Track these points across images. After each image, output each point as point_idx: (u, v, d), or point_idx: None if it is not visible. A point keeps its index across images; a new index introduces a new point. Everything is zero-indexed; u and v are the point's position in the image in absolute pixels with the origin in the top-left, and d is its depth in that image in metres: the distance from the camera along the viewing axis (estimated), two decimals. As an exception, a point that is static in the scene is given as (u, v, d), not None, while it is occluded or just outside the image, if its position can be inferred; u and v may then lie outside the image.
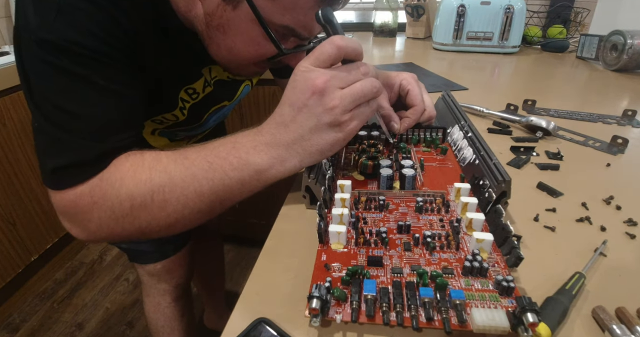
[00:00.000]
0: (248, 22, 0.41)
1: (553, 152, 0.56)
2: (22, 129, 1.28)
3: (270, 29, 0.41)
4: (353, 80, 0.37)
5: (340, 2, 0.42)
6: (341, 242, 0.35)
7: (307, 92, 0.36)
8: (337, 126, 0.37)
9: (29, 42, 0.36)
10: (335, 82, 0.36)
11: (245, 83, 0.65)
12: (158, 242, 0.78)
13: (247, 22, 0.41)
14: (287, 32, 0.43)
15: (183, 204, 0.37)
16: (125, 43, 0.39)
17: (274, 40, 0.42)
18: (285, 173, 0.38)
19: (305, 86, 0.36)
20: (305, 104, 0.36)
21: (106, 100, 0.39)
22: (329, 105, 0.36)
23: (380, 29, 1.48)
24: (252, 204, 1.45)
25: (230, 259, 1.64)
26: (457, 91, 0.85)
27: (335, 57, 0.37)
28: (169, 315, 0.87)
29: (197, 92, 0.55)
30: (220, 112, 0.64)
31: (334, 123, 0.37)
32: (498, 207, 0.35)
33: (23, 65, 0.38)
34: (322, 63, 0.36)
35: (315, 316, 0.27)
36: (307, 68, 0.37)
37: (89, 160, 0.37)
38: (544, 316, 0.29)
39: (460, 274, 0.31)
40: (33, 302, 1.44)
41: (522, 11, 1.14)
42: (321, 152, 0.38)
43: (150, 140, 0.61)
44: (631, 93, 0.84)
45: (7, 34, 1.56)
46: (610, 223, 0.41)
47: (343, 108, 0.36)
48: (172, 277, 0.84)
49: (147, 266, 0.81)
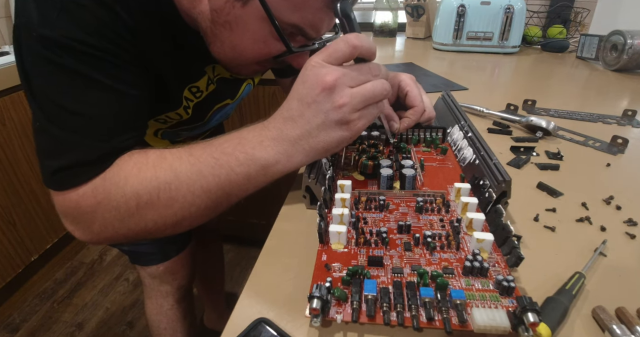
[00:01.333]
0: (257, 19, 0.41)
1: (553, 152, 0.56)
2: (22, 129, 1.27)
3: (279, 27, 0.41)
4: (364, 80, 0.37)
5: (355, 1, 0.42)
6: (341, 242, 0.35)
7: (317, 88, 0.35)
8: (344, 124, 0.37)
9: (30, 39, 0.36)
10: (346, 80, 0.36)
11: (247, 82, 0.65)
12: (160, 244, 0.78)
13: (256, 19, 0.41)
14: (295, 30, 0.42)
15: (190, 201, 0.37)
16: (129, 41, 0.39)
17: (284, 39, 0.42)
18: (291, 168, 0.38)
19: (316, 82, 0.35)
20: (314, 99, 0.36)
21: (110, 99, 0.38)
22: (338, 103, 0.35)
23: (380, 29, 1.48)
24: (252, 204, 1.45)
25: (230, 259, 1.64)
26: (457, 91, 0.85)
27: (348, 56, 0.36)
28: (172, 317, 0.87)
29: (200, 91, 0.55)
30: (223, 111, 0.64)
31: (342, 121, 0.36)
32: (498, 207, 0.35)
33: (23, 64, 0.37)
34: (335, 60, 0.36)
35: (316, 316, 0.27)
36: (318, 63, 0.36)
37: (92, 160, 0.37)
38: (544, 316, 0.29)
39: (460, 274, 0.31)
40: (33, 302, 1.44)
41: (522, 11, 1.14)
42: (327, 150, 0.38)
43: (151, 143, 0.61)
44: (631, 93, 0.85)
45: (7, 34, 1.56)
46: (610, 223, 0.41)
47: (352, 107, 0.36)
48: (174, 279, 0.83)
49: (149, 267, 0.80)
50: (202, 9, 0.43)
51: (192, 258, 0.85)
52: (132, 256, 0.80)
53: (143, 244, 0.76)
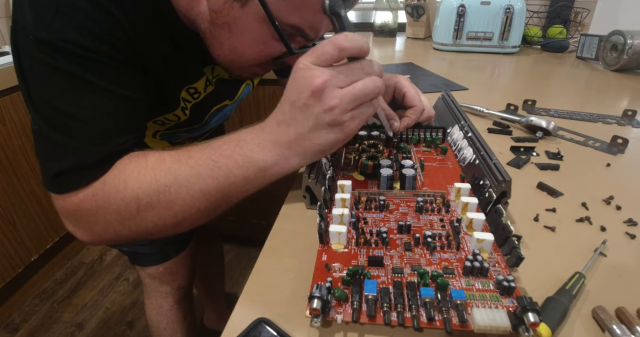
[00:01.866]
0: (256, 20, 0.40)
1: (553, 152, 0.56)
2: (22, 129, 1.27)
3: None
4: (354, 80, 0.36)
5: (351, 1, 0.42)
6: (342, 242, 0.35)
7: (307, 92, 0.35)
8: (337, 126, 0.36)
9: (26, 42, 0.35)
10: (335, 81, 0.35)
11: (246, 83, 0.64)
12: (160, 244, 0.78)
13: (256, 20, 0.40)
14: (294, 32, 0.42)
15: (189, 204, 0.37)
16: (126, 43, 0.39)
17: (284, 40, 0.42)
18: (289, 170, 0.38)
19: (305, 85, 0.35)
20: (304, 103, 0.35)
21: (107, 102, 0.38)
22: (328, 105, 0.35)
23: (380, 29, 1.48)
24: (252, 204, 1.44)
25: (230, 259, 1.64)
26: (457, 91, 0.85)
27: (337, 57, 0.35)
28: (172, 317, 0.87)
29: (198, 92, 0.55)
30: (222, 112, 0.64)
31: (334, 123, 0.36)
32: (498, 207, 0.35)
33: (21, 65, 0.37)
34: (323, 63, 0.35)
35: (316, 316, 0.27)
36: (306, 66, 0.35)
37: (91, 164, 0.37)
38: (544, 316, 0.29)
39: (461, 274, 0.31)
40: (33, 302, 1.44)
41: (522, 11, 1.14)
42: (322, 152, 0.38)
43: (150, 145, 0.61)
44: (631, 93, 0.85)
45: (7, 34, 1.56)
46: (610, 223, 0.41)
47: (342, 108, 0.35)
48: (174, 280, 0.83)
49: (148, 268, 0.80)
50: (201, 10, 0.42)
51: (192, 259, 0.85)
52: (131, 256, 0.80)
53: (143, 244, 0.76)
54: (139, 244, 0.75)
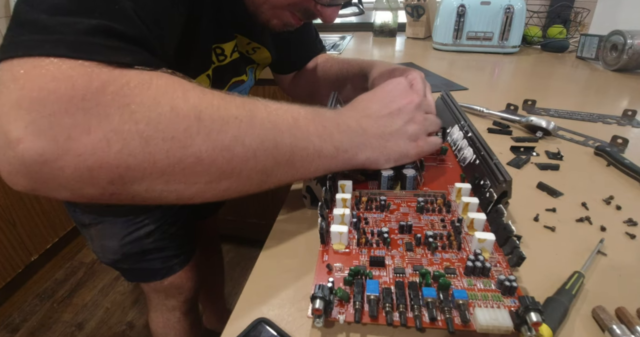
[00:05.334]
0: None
1: (553, 152, 0.56)
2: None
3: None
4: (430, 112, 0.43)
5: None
6: (343, 242, 0.35)
7: (405, 99, 0.40)
8: (414, 141, 0.40)
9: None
10: (424, 106, 0.42)
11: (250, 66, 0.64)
12: (164, 259, 0.71)
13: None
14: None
15: (254, 148, 0.30)
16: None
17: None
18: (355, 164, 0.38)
19: (405, 94, 0.40)
20: (399, 108, 0.39)
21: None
22: (418, 119, 0.40)
23: (380, 29, 1.48)
24: (252, 204, 1.44)
25: (230, 259, 1.64)
26: (457, 91, 0.85)
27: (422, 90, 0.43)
28: (179, 329, 0.83)
29: (224, 54, 0.54)
30: (238, 88, 0.63)
31: (414, 136, 0.40)
32: (499, 207, 0.35)
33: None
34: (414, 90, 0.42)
35: (319, 317, 0.27)
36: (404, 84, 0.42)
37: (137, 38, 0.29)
38: (545, 317, 0.29)
39: (462, 274, 0.31)
40: (33, 302, 1.44)
41: (522, 11, 1.14)
42: (387, 159, 0.39)
43: None
44: (631, 93, 0.85)
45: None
46: (610, 223, 0.41)
47: (425, 128, 0.41)
48: (180, 293, 0.77)
49: (152, 283, 0.74)
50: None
51: (197, 270, 0.79)
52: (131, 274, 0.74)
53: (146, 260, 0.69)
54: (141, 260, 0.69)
